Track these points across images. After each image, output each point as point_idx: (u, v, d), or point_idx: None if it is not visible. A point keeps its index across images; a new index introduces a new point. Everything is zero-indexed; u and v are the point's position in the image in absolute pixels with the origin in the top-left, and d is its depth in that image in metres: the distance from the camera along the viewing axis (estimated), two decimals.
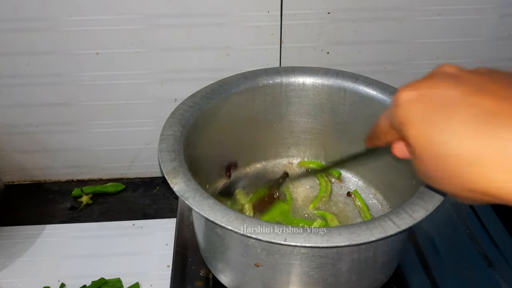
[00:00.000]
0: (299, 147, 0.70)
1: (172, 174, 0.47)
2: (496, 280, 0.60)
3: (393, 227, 0.42)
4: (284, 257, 0.46)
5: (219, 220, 0.42)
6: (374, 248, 0.47)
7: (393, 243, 0.50)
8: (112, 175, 0.80)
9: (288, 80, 0.63)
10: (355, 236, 0.41)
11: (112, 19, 0.63)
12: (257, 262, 0.48)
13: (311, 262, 0.46)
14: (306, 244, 0.40)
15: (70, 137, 0.74)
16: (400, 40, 0.69)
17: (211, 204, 0.44)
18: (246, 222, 0.42)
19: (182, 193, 0.45)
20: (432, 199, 0.44)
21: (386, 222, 0.42)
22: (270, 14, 0.65)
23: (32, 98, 0.70)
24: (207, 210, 0.43)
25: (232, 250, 0.50)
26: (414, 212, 0.43)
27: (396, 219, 0.42)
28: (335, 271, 0.47)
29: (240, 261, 0.50)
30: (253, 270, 0.49)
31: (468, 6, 0.67)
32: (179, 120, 0.55)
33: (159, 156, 0.50)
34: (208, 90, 0.60)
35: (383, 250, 0.49)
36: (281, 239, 0.40)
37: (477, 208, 0.69)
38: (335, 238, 0.40)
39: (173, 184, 0.46)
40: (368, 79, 0.62)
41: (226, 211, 0.43)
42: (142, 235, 0.70)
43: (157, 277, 0.64)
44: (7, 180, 0.79)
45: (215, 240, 0.51)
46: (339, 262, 0.46)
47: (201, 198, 0.45)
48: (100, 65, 0.67)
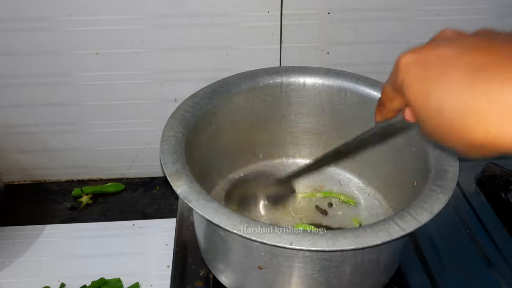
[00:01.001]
0: (299, 147, 0.70)
1: (175, 176, 0.47)
2: (496, 280, 0.60)
3: (398, 230, 0.41)
4: (288, 260, 0.46)
5: (223, 224, 0.42)
6: (378, 251, 0.47)
7: (396, 245, 0.50)
8: (112, 175, 0.80)
9: (288, 80, 0.63)
10: (361, 240, 0.41)
11: (112, 19, 0.63)
12: (260, 265, 0.48)
13: (315, 265, 0.46)
14: (312, 248, 0.40)
15: (70, 137, 0.74)
16: (400, 40, 0.69)
17: (215, 207, 0.44)
18: (251, 226, 0.42)
19: (186, 196, 0.45)
20: (436, 201, 0.44)
21: (391, 225, 0.42)
22: (270, 14, 0.65)
23: (32, 98, 0.70)
24: (211, 213, 0.43)
25: (234, 253, 0.50)
26: (418, 215, 0.43)
27: (401, 222, 0.42)
28: (338, 274, 0.47)
29: (242, 263, 0.50)
30: (256, 273, 0.49)
31: (467, 6, 0.67)
32: (180, 121, 0.55)
33: (161, 158, 0.49)
34: (209, 90, 0.60)
35: (387, 252, 0.49)
36: (287, 243, 0.40)
37: (477, 208, 0.69)
38: (341, 242, 0.40)
39: (176, 186, 0.46)
40: (369, 79, 0.61)
41: (230, 214, 0.43)
42: (142, 235, 0.70)
43: (157, 277, 0.64)
44: (7, 180, 0.79)
45: (217, 242, 0.51)
46: (342, 265, 0.46)
47: (204, 201, 0.44)
48: (100, 65, 0.67)
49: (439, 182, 0.47)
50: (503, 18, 0.68)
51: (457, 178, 0.48)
